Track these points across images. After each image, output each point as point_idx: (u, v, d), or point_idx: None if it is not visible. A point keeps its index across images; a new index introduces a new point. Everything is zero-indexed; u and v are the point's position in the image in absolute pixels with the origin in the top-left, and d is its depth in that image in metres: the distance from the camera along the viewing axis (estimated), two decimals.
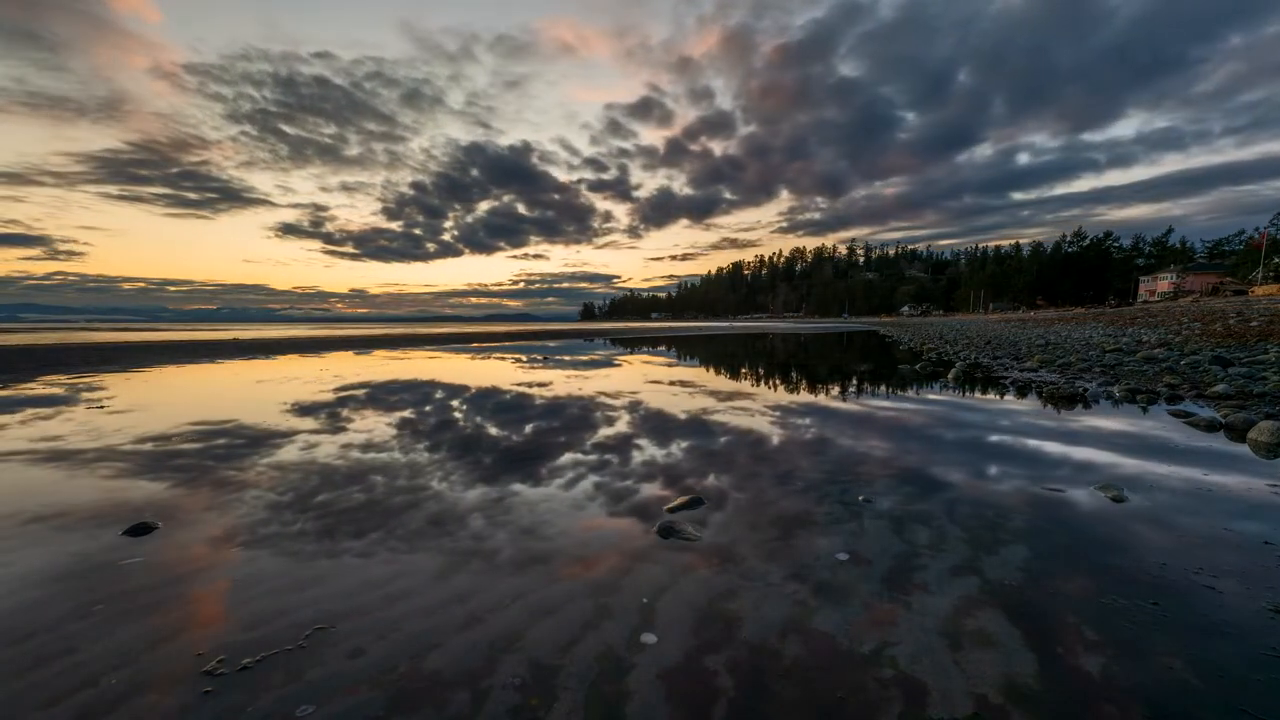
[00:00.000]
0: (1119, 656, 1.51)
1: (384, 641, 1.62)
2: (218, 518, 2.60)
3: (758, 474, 3.25)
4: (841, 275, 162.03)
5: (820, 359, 12.29)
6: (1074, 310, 44.02)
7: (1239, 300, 24.89)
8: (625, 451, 3.84)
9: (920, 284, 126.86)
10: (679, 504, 2.72)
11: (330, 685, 1.43)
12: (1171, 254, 71.10)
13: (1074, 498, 2.77)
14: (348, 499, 2.85)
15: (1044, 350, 10.96)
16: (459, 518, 2.60)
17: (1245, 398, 5.16)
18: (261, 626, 1.70)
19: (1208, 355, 7.70)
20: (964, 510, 2.61)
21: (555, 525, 2.51)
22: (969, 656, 1.52)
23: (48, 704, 1.37)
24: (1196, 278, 53.14)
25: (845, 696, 1.37)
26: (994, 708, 1.33)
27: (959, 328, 27.23)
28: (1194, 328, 12.04)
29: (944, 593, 1.86)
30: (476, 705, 1.36)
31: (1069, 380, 7.09)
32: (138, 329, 42.43)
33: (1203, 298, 36.54)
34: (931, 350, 13.64)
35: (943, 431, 4.35)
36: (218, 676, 1.46)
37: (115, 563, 2.13)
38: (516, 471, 3.37)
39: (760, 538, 2.33)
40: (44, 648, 1.60)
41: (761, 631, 1.65)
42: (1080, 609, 1.75)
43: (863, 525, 2.45)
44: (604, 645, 1.59)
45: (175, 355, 13.25)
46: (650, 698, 1.38)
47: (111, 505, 2.76)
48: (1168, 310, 21.19)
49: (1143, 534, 2.32)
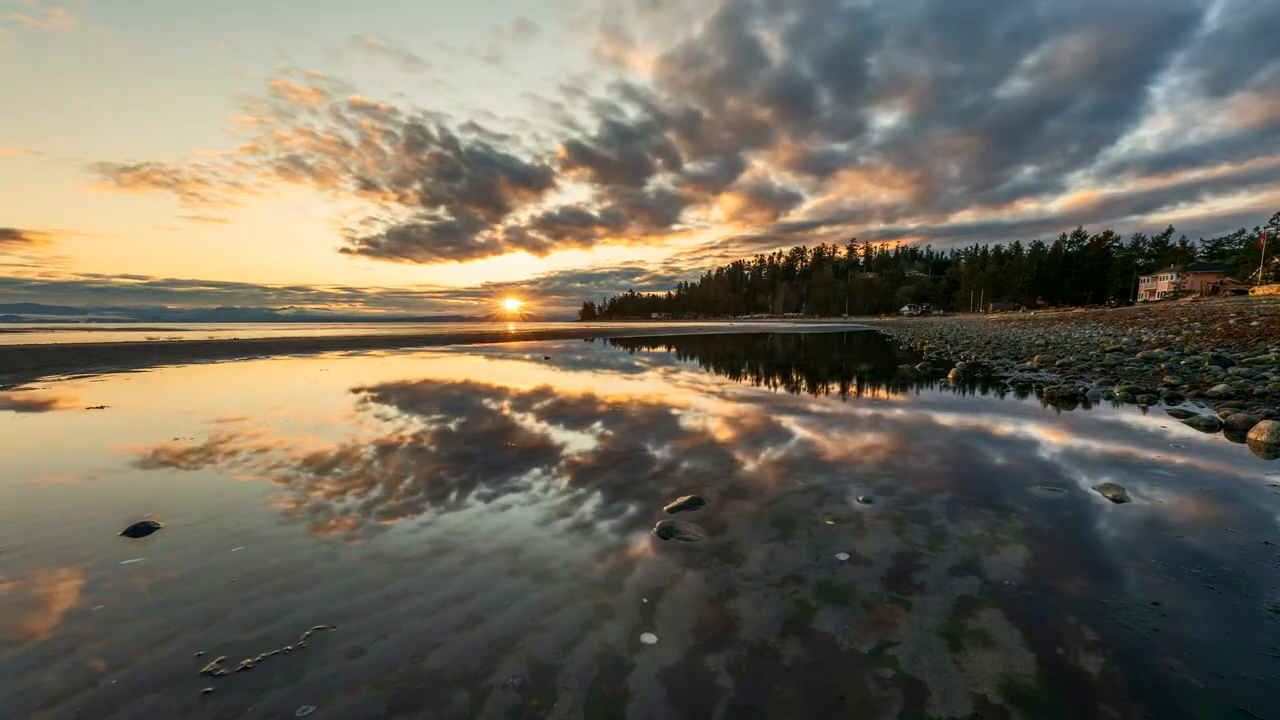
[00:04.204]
0: (1119, 657, 1.51)
1: (384, 641, 1.62)
2: (219, 518, 2.60)
3: (757, 473, 3.25)
4: (841, 275, 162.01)
5: (820, 359, 12.29)
6: (1074, 310, 44.02)
7: (1239, 300, 24.87)
8: (625, 451, 3.84)
9: (920, 284, 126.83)
10: (679, 504, 2.72)
11: (330, 685, 1.43)
12: (1171, 254, 71.03)
13: (1074, 498, 2.76)
14: (351, 495, 2.85)
15: (1044, 350, 10.96)
16: (458, 517, 2.60)
17: (1245, 398, 5.16)
18: (261, 626, 1.70)
19: (1208, 355, 7.70)
20: (964, 510, 2.61)
21: (555, 525, 2.51)
22: (969, 656, 1.52)
23: (48, 704, 1.37)
24: (1197, 277, 53.11)
25: (845, 696, 1.37)
26: (994, 708, 1.33)
27: (959, 328, 27.22)
28: (1194, 327, 12.04)
29: (944, 593, 1.86)
30: (476, 705, 1.36)
31: (1069, 380, 7.09)
32: (139, 329, 42.43)
33: (1203, 297, 36.53)
34: (931, 350, 13.64)
35: (943, 432, 4.35)
36: (218, 676, 1.46)
37: (115, 562, 2.13)
38: (516, 471, 3.37)
39: (760, 537, 2.33)
40: (44, 648, 1.60)
41: (761, 631, 1.65)
42: (1080, 609, 1.75)
43: (862, 525, 2.45)
44: (604, 645, 1.59)
45: (176, 355, 13.26)
46: (650, 698, 1.38)
47: (113, 506, 2.76)
48: (1168, 310, 21.18)
49: (1143, 534, 2.31)
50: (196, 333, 33.10)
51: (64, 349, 14.47)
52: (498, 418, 5.19)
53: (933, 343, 16.56)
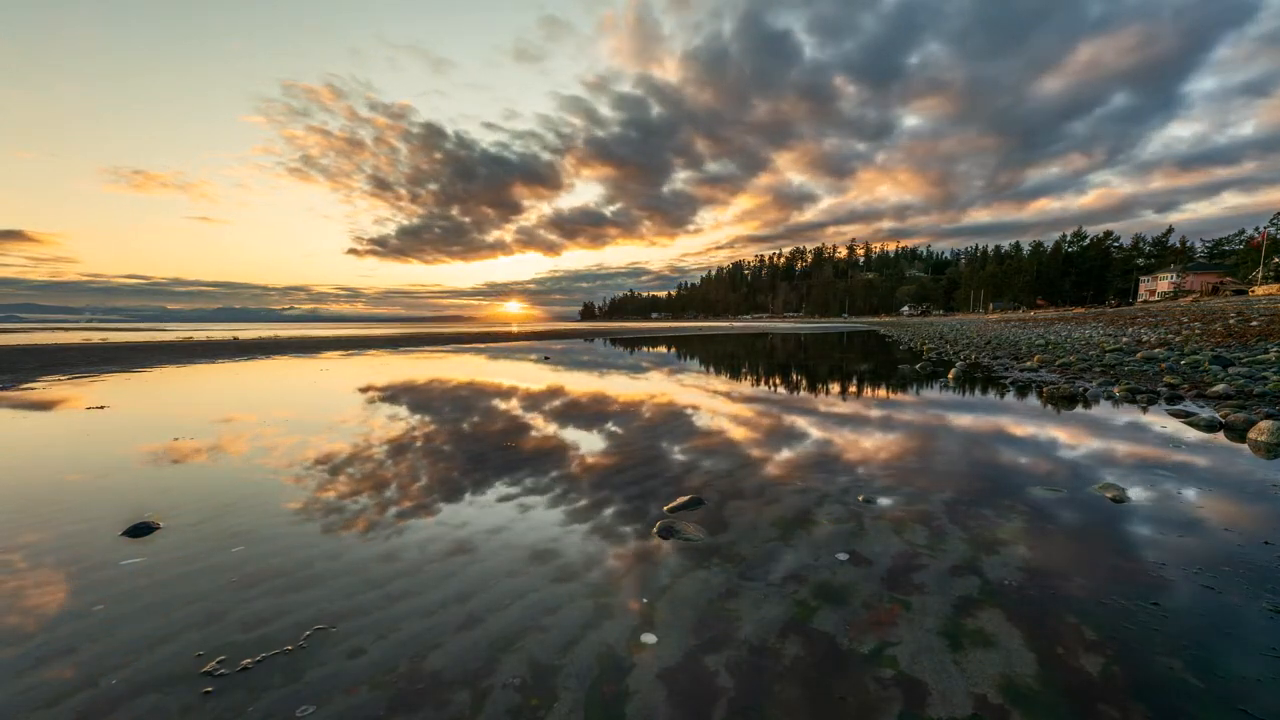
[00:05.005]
0: (1119, 657, 1.51)
1: (384, 641, 1.62)
2: (219, 518, 2.60)
3: (757, 473, 3.25)
4: (841, 275, 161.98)
5: (819, 359, 12.29)
6: (1074, 310, 44.02)
7: (1239, 300, 24.86)
8: (624, 451, 3.84)
9: (920, 284, 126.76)
10: (679, 504, 2.72)
11: (330, 685, 1.43)
12: (1171, 254, 70.96)
13: (1074, 498, 2.76)
14: (351, 495, 2.85)
15: (1044, 350, 10.96)
16: (457, 517, 2.60)
17: (1245, 397, 5.16)
18: (261, 626, 1.70)
19: (1208, 355, 7.70)
20: (963, 510, 2.61)
21: (554, 525, 2.51)
22: (969, 656, 1.52)
23: (48, 704, 1.37)
24: (1197, 277, 53.08)
25: (846, 696, 1.37)
26: (994, 708, 1.33)
27: (959, 328, 27.21)
28: (1194, 327, 12.04)
29: (944, 593, 1.86)
30: (476, 705, 1.36)
31: (1069, 380, 7.08)
32: (140, 329, 42.43)
33: (1203, 297, 36.52)
34: (931, 350, 13.63)
35: (943, 432, 4.35)
36: (218, 677, 1.46)
37: (115, 562, 2.13)
38: (515, 471, 3.37)
39: (760, 537, 2.33)
40: (44, 648, 1.60)
41: (761, 631, 1.65)
42: (1080, 609, 1.75)
43: (862, 525, 2.45)
44: (604, 645, 1.59)
45: (176, 355, 13.25)
46: (650, 698, 1.38)
47: (113, 506, 2.76)
48: (1168, 310, 21.17)
49: (1143, 534, 2.32)
50: (196, 333, 33.10)
51: (64, 349, 14.47)
52: (497, 417, 5.19)
53: (933, 343, 16.56)
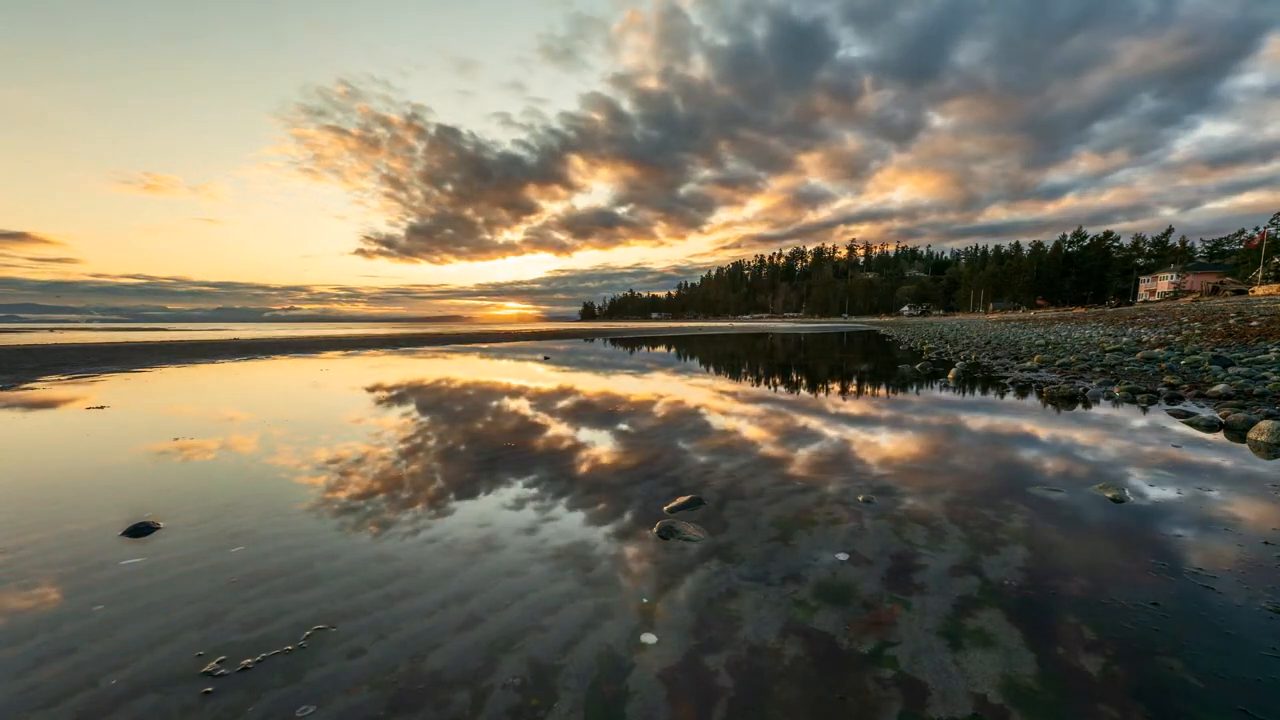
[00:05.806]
0: (1119, 657, 1.51)
1: (384, 641, 1.62)
2: (219, 518, 2.60)
3: (756, 473, 3.25)
4: (841, 275, 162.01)
5: (819, 359, 12.29)
6: (1074, 310, 44.02)
7: (1239, 300, 24.87)
8: (624, 451, 3.84)
9: (920, 284, 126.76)
10: (679, 504, 2.72)
11: (330, 685, 1.43)
12: (1171, 254, 70.98)
13: (1074, 498, 2.76)
14: (350, 495, 2.85)
15: (1044, 350, 10.96)
16: (456, 517, 2.60)
17: (1245, 397, 5.16)
18: (261, 626, 1.70)
19: (1208, 355, 7.70)
20: (963, 510, 2.61)
21: (554, 525, 2.51)
22: (969, 656, 1.52)
23: (48, 704, 1.37)
24: (1196, 277, 53.10)
25: (845, 696, 1.37)
26: (994, 708, 1.33)
27: (959, 328, 27.21)
28: (1194, 327, 12.04)
29: (943, 593, 1.86)
30: (477, 705, 1.36)
31: (1069, 380, 7.08)
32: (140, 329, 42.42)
33: (1203, 297, 36.51)
34: (931, 350, 13.64)
35: (943, 432, 4.35)
36: (218, 677, 1.46)
37: (115, 562, 2.13)
38: (513, 470, 3.37)
39: (760, 537, 2.33)
40: (44, 648, 1.60)
41: (761, 631, 1.65)
42: (1080, 609, 1.75)
43: (862, 525, 2.45)
44: (604, 645, 1.59)
45: (176, 355, 13.25)
46: (650, 698, 1.38)
47: (113, 506, 2.76)
48: (1168, 310, 21.17)
49: (1143, 534, 2.32)
50: (195, 332, 33.09)
51: (64, 349, 14.47)
52: (497, 416, 5.19)
53: (933, 343, 16.56)
